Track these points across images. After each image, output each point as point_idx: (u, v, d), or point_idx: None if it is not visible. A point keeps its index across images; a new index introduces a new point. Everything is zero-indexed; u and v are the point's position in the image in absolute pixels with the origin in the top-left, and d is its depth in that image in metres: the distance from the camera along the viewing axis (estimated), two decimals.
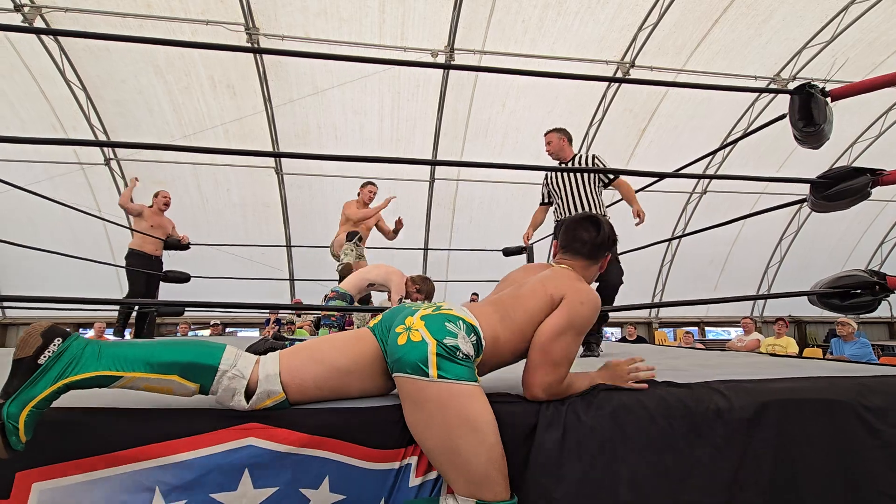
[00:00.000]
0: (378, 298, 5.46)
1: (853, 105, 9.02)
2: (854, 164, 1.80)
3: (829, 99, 1.89)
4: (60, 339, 0.96)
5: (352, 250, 3.97)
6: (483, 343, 1.17)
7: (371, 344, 1.17)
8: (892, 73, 1.90)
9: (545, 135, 3.36)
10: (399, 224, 4.66)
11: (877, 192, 1.97)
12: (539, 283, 1.31)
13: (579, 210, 3.07)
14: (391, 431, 1.10)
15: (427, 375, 1.04)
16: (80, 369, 0.94)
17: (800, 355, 4.90)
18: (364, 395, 1.18)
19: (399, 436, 1.10)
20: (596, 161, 3.09)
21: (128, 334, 4.94)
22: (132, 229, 4.42)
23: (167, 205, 4.63)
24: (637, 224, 2.99)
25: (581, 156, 3.18)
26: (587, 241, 1.42)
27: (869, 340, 6.45)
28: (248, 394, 1.07)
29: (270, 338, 3.08)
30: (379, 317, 1.24)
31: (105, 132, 8.63)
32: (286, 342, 2.90)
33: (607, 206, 3.53)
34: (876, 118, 10.58)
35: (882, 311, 1.93)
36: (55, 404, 0.96)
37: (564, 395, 1.23)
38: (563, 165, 3.25)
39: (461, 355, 1.08)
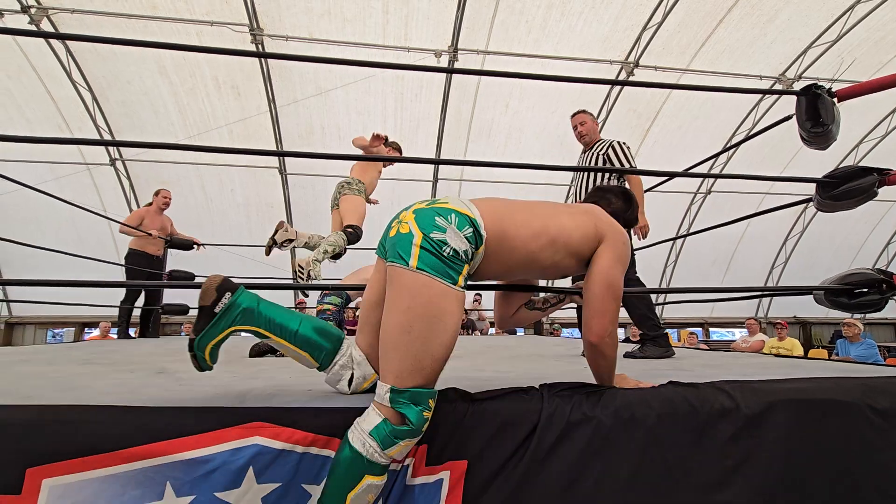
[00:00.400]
0: None
1: (859, 104, 8.95)
2: (860, 164, 1.79)
3: (835, 99, 1.88)
4: (230, 293, 1.14)
5: None
6: (483, 235, 1.15)
7: (382, 266, 1.22)
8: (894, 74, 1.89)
9: (574, 116, 3.21)
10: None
11: (883, 191, 1.96)
12: (580, 209, 1.32)
13: None
14: None
15: (407, 265, 1.06)
16: (244, 322, 1.14)
17: (805, 356, 4.88)
18: None
19: None
20: (623, 148, 3.03)
21: (132, 334, 4.96)
22: (139, 229, 4.42)
23: (167, 204, 4.62)
24: (640, 238, 2.99)
25: (608, 141, 3.06)
26: (614, 201, 1.47)
27: (875, 342, 6.41)
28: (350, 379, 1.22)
29: None
30: None
31: (111, 133, 8.68)
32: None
33: None
34: (883, 117, 10.51)
35: (888, 313, 1.91)
36: (63, 401, 0.99)
37: (612, 354, 1.24)
38: (586, 152, 3.20)
39: (448, 251, 1.08)
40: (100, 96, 8.33)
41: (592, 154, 3.06)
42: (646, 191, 3.41)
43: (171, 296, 5.56)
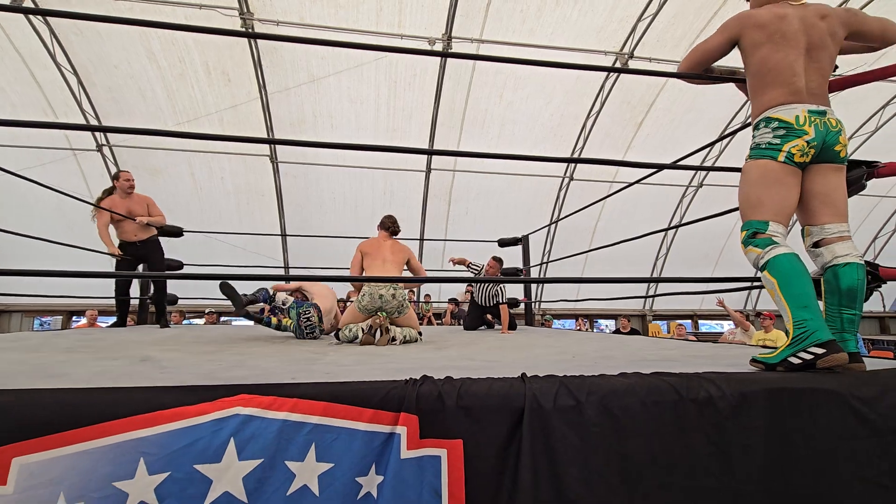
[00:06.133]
0: None
1: (851, 99, 9.02)
2: (850, 157, 1.80)
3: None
4: None
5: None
6: None
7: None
8: (889, 66, 1.89)
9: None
10: None
11: (871, 187, 1.97)
12: None
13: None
14: (382, 393, 1.10)
15: None
16: None
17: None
18: None
19: (391, 399, 1.09)
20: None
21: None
22: (123, 216, 4.29)
23: (132, 187, 4.37)
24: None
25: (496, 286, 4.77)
26: None
27: (860, 335, 6.50)
28: None
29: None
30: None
31: (97, 118, 8.52)
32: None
33: (606, 197, 3.51)
34: (873, 113, 10.60)
35: (873, 306, 1.94)
36: (32, 385, 0.94)
37: None
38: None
39: None
40: (85, 80, 8.16)
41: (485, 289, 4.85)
42: (638, 181, 3.41)
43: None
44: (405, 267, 3.35)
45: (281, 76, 8.45)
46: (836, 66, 1.72)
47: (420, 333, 3.14)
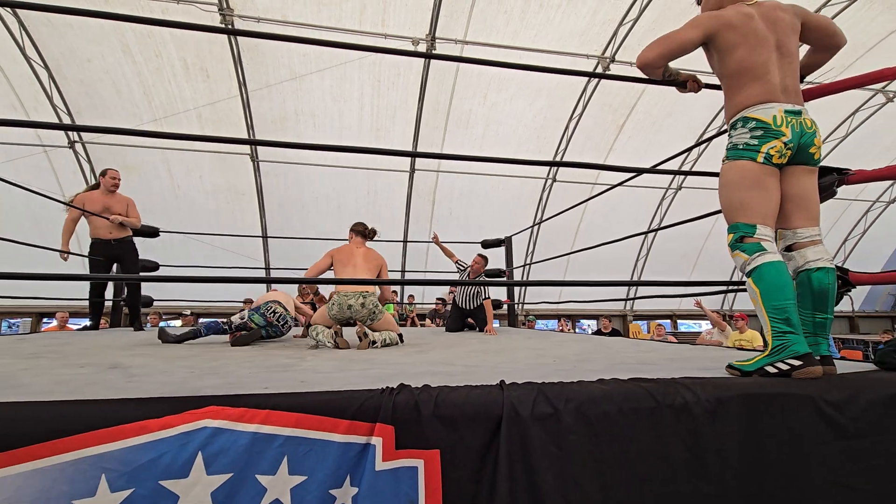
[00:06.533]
0: None
1: (823, 107, 9.28)
2: (822, 164, 1.85)
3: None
4: None
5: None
6: None
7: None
8: (860, 75, 1.95)
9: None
10: None
11: (842, 190, 2.02)
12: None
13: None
14: (358, 403, 1.08)
15: None
16: None
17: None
18: None
19: (366, 409, 1.07)
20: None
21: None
22: (92, 213, 4.16)
23: (116, 185, 4.28)
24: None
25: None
26: None
27: (831, 335, 6.68)
28: None
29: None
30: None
31: (69, 113, 8.26)
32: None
33: (588, 199, 3.53)
34: (843, 119, 10.94)
35: (844, 306, 1.99)
36: None
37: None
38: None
39: None
40: (57, 74, 7.90)
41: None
42: (619, 184, 3.44)
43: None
44: (377, 276, 3.24)
45: (262, 73, 8.32)
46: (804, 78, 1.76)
47: (401, 336, 3.11)
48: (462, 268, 4.95)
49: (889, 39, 8.98)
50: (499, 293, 6.93)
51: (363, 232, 3.33)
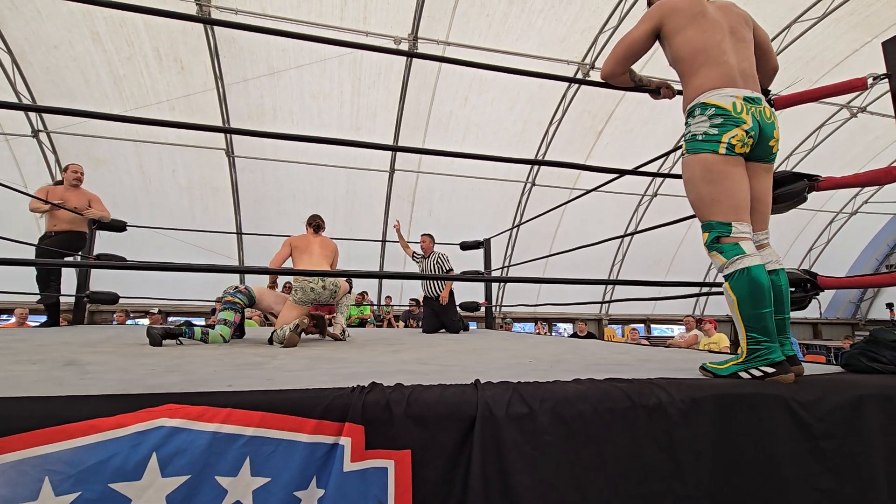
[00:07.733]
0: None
1: (791, 120, 9.63)
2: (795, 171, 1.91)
3: (773, 108, 1.98)
4: None
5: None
6: None
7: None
8: (830, 84, 2.00)
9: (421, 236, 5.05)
10: None
11: (808, 201, 2.07)
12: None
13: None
14: (326, 402, 1.03)
15: None
16: None
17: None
18: None
19: (335, 408, 1.03)
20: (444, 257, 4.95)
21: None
22: (58, 205, 4.01)
23: (79, 180, 4.18)
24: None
25: (437, 253, 4.96)
26: None
27: (796, 339, 6.94)
28: None
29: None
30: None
31: (33, 101, 7.90)
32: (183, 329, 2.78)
33: (566, 203, 3.55)
34: (808, 134, 11.37)
35: (810, 313, 2.02)
36: None
37: None
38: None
39: None
40: (21, 60, 7.56)
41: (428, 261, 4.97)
42: (597, 188, 3.47)
43: (98, 284, 5.15)
44: (333, 260, 3.55)
45: (239, 67, 8.13)
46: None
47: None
48: (418, 258, 5.15)
49: (854, 57, 9.37)
50: (476, 294, 6.91)
51: (319, 225, 3.63)
